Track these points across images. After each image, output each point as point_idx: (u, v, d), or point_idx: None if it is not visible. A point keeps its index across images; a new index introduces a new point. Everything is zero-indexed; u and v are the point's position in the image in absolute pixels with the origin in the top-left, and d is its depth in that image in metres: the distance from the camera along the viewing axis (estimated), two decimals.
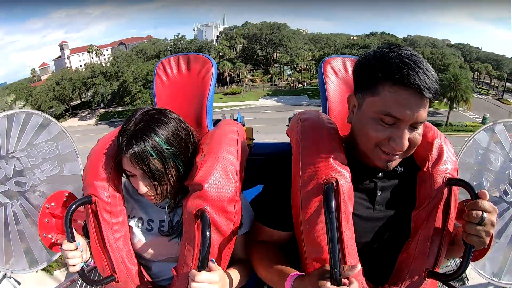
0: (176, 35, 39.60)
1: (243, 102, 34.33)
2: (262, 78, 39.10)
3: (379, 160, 0.78)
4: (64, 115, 32.90)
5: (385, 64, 0.71)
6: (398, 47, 0.74)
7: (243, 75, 37.86)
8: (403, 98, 0.70)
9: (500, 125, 1.29)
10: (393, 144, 0.73)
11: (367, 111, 0.76)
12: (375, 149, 0.77)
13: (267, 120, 27.09)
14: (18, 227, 1.35)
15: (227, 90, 36.26)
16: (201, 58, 1.17)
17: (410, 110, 0.70)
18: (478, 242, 0.73)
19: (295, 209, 0.81)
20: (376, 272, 0.84)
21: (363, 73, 0.77)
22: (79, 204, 0.88)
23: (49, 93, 31.86)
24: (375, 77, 0.72)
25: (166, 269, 0.95)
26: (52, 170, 1.40)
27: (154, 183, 0.87)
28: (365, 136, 0.77)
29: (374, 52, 0.76)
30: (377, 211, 0.84)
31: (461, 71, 27.15)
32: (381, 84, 0.72)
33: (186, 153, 0.90)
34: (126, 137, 0.84)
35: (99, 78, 32.62)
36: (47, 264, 1.40)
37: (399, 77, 0.69)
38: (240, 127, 1.02)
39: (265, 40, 37.90)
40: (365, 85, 0.76)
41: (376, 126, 0.74)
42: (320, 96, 1.15)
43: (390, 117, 0.72)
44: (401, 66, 0.69)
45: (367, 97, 0.76)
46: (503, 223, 1.25)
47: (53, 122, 1.42)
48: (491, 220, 0.71)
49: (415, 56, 0.71)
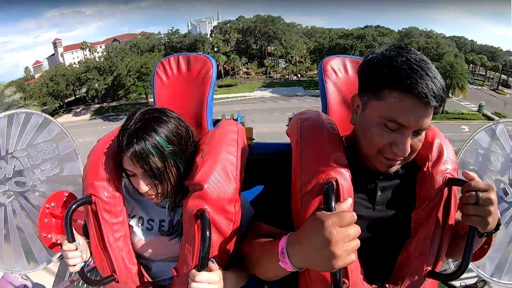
0: (170, 29, 39.44)
1: (238, 94, 34.27)
2: (257, 71, 39.04)
3: (381, 165, 0.78)
4: (58, 111, 32.77)
5: (394, 70, 0.69)
6: (407, 51, 0.72)
7: (237, 68, 37.78)
8: (409, 106, 0.69)
9: (501, 125, 1.29)
10: (396, 150, 0.73)
11: (371, 115, 0.75)
12: (378, 156, 0.76)
13: (262, 111, 27.27)
14: (18, 227, 1.35)
15: (222, 82, 36.14)
16: (201, 58, 1.17)
17: (415, 117, 0.70)
18: (480, 221, 0.72)
19: (295, 209, 0.81)
20: (376, 272, 0.84)
21: (369, 76, 0.75)
22: (79, 204, 0.88)
23: (43, 89, 31.71)
24: (382, 82, 0.71)
25: (166, 269, 0.95)
26: (52, 170, 1.40)
27: (155, 182, 0.87)
28: (368, 140, 0.76)
29: (382, 55, 0.74)
30: (377, 211, 0.84)
31: (457, 59, 27.13)
32: (388, 90, 0.71)
33: (186, 152, 0.90)
34: (127, 136, 0.84)
35: (93, 73, 32.36)
36: (47, 264, 1.40)
37: (407, 86, 0.68)
38: (240, 127, 1.02)
39: (260, 33, 37.80)
40: (370, 88, 0.75)
41: (379, 130, 0.73)
42: (320, 96, 1.15)
43: (394, 123, 0.71)
44: (409, 74, 0.68)
45: (372, 101, 0.75)
46: (503, 223, 1.25)
47: (53, 122, 1.42)
48: (488, 197, 0.71)
49: (423, 62, 0.70)
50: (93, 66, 33.52)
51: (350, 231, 0.60)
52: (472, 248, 0.74)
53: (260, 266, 0.83)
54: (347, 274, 0.76)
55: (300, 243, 0.66)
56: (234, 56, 37.25)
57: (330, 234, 0.59)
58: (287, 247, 0.68)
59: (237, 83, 36.39)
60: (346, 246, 0.59)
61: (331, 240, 0.58)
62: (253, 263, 0.87)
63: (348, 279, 0.76)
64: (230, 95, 33.87)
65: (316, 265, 0.64)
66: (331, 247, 0.58)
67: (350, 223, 0.60)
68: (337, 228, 0.59)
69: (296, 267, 0.68)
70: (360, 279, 0.78)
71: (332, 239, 0.58)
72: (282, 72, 38.12)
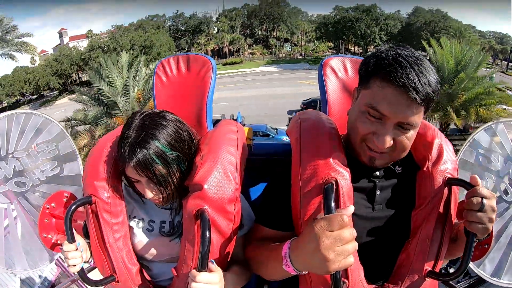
0: (175, 12, 39.43)
1: (243, 69, 34.09)
2: (262, 51, 39.07)
3: (365, 156, 0.79)
4: (62, 93, 33.05)
5: (379, 59, 0.73)
6: (401, 48, 0.74)
7: (243, 49, 37.71)
8: (389, 94, 0.71)
9: (501, 124, 1.29)
10: (375, 140, 0.74)
11: (359, 103, 0.78)
12: (361, 144, 0.78)
13: (268, 81, 27.56)
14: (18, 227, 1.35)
15: (226, 60, 36.08)
16: (201, 58, 1.17)
17: (395, 107, 0.71)
18: (481, 229, 0.72)
19: (295, 210, 0.81)
20: (376, 272, 0.84)
21: (361, 68, 0.80)
22: (79, 205, 0.88)
23: (47, 69, 31.99)
24: (369, 71, 0.75)
25: (166, 270, 0.95)
26: (52, 170, 1.40)
27: (160, 189, 0.87)
28: (354, 128, 0.79)
29: (378, 51, 0.77)
30: (376, 211, 0.84)
31: (465, 26, 26.45)
32: (373, 78, 0.74)
33: (188, 156, 0.90)
34: (128, 146, 0.82)
35: (97, 52, 32.18)
36: (47, 264, 1.40)
37: (386, 73, 0.70)
38: (240, 127, 1.02)
39: (265, 15, 37.85)
40: (361, 78, 0.79)
41: (363, 118, 0.76)
42: (320, 96, 1.15)
43: (375, 111, 0.73)
44: (391, 63, 0.70)
45: (362, 90, 0.78)
46: (503, 223, 1.25)
47: (53, 122, 1.42)
48: (491, 205, 0.71)
49: (412, 58, 0.71)
50: (97, 46, 33.40)
51: (344, 234, 0.60)
52: (472, 249, 0.74)
53: (267, 269, 0.84)
54: (347, 274, 0.76)
55: (298, 249, 0.68)
56: (239, 36, 37.05)
57: (319, 239, 0.60)
58: (289, 252, 0.70)
59: (242, 61, 36.27)
60: (339, 250, 0.60)
61: (320, 245, 0.60)
62: (259, 266, 0.88)
63: (348, 279, 0.76)
64: (235, 70, 33.69)
65: (313, 268, 0.66)
66: (321, 251, 0.60)
67: (341, 226, 0.60)
68: (326, 232, 0.60)
69: (298, 270, 0.70)
70: (360, 279, 0.78)
71: (321, 243, 0.60)
72: (288, 52, 38.02)
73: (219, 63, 34.98)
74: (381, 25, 36.47)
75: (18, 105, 32.63)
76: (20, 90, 32.74)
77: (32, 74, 31.55)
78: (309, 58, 36.73)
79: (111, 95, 10.23)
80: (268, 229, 0.89)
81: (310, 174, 0.78)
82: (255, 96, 22.86)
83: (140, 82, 10.93)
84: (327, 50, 38.96)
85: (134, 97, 10.53)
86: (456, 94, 10.17)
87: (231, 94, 23.35)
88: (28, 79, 30.96)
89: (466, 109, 10.05)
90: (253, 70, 33.52)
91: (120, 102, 10.35)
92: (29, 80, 30.73)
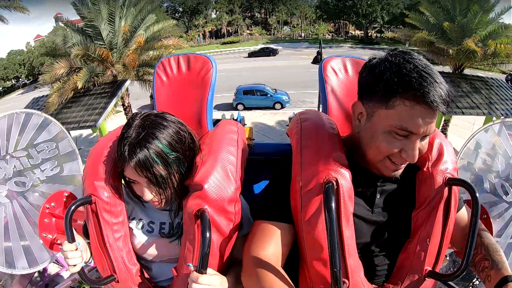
0: None
1: (241, 47, 33.92)
2: (261, 32, 38.88)
3: (387, 170, 0.78)
4: None
5: (405, 78, 0.68)
6: (411, 57, 0.71)
7: (241, 30, 37.56)
8: (419, 113, 0.69)
9: (500, 124, 1.29)
10: (405, 156, 0.73)
11: (379, 123, 0.74)
12: (384, 160, 0.76)
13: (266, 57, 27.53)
14: (18, 227, 1.35)
15: (225, 40, 35.92)
16: (201, 58, 1.17)
17: (425, 124, 0.70)
18: None
19: (295, 209, 0.80)
20: (376, 272, 0.84)
21: (375, 83, 0.73)
22: (79, 204, 0.88)
23: (41, 49, 31.70)
24: (392, 90, 0.70)
25: (167, 270, 0.95)
26: (52, 170, 1.40)
27: (159, 190, 0.86)
28: (376, 149, 0.76)
29: (388, 62, 0.72)
30: (376, 214, 0.84)
31: None
32: (399, 99, 0.70)
33: (189, 157, 0.90)
34: (128, 145, 0.82)
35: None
36: (47, 264, 1.40)
37: (421, 95, 0.67)
38: (240, 127, 1.02)
39: None
40: (377, 96, 0.73)
41: (389, 138, 0.73)
42: (320, 96, 1.15)
43: (405, 131, 0.71)
44: (420, 82, 0.67)
45: (380, 109, 0.73)
46: (503, 223, 1.25)
47: (53, 122, 1.42)
48: None
49: (429, 68, 0.69)
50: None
51: None
52: (472, 248, 0.74)
53: None
54: (347, 273, 0.76)
55: None
56: (237, 16, 36.73)
57: None
58: None
59: (240, 40, 35.95)
60: None
61: None
62: None
63: (348, 278, 0.76)
64: (233, 48, 33.51)
65: None
66: None
67: None
68: None
69: None
70: (360, 279, 0.78)
71: None
72: (287, 33, 37.83)
73: (217, 42, 34.73)
74: (382, 4, 35.91)
75: (13, 90, 32.42)
76: (15, 73, 32.65)
77: (26, 55, 31.30)
78: (309, 38, 36.41)
79: (94, 20, 9.11)
80: (267, 224, 0.84)
81: (311, 174, 0.78)
82: (253, 68, 22.87)
83: (129, 17, 10.06)
84: (327, 33, 38.57)
85: (120, 28, 9.40)
86: (470, 29, 9.58)
87: (228, 66, 23.32)
88: (23, 60, 30.68)
89: (484, 43, 9.47)
90: (253, 48, 32.97)
91: (104, 30, 9.31)
92: (23, 61, 30.45)
